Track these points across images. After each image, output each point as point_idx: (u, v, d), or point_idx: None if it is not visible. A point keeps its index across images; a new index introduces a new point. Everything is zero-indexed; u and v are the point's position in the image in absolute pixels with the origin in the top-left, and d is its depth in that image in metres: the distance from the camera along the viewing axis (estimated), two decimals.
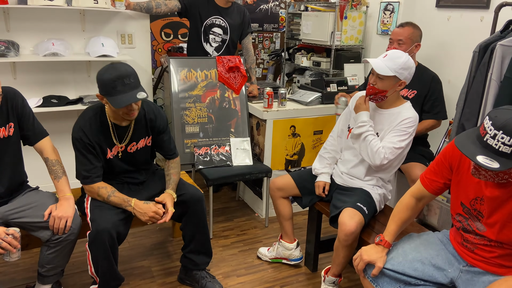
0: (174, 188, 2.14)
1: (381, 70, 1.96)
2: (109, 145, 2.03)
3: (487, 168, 1.24)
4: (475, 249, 1.54)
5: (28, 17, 2.91)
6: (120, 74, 1.82)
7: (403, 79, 1.98)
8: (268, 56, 4.80)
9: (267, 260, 2.58)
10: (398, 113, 2.05)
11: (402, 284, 1.60)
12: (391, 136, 2.02)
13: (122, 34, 3.23)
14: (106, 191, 1.98)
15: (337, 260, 2.09)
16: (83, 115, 1.99)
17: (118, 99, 1.82)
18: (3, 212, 1.85)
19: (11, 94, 1.90)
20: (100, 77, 1.85)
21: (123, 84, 1.82)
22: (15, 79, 2.97)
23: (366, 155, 2.05)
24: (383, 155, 1.99)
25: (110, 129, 2.01)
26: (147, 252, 2.64)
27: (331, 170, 2.31)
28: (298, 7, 4.35)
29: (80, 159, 1.97)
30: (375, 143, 2.01)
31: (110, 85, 1.81)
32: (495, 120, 1.26)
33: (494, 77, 2.06)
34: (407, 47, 2.60)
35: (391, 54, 1.99)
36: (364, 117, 2.07)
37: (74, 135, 1.95)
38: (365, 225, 2.04)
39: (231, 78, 3.14)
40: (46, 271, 1.96)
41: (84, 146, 1.94)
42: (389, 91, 2.00)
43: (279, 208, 2.42)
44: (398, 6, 3.24)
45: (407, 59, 1.97)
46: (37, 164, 2.19)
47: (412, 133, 2.02)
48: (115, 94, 1.82)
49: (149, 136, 2.14)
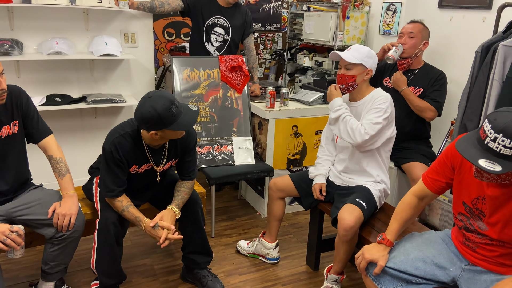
0: (180, 206, 2.06)
1: (348, 58, 2.10)
2: (138, 163, 1.98)
3: (489, 171, 1.25)
4: (477, 248, 1.54)
5: (32, 16, 2.92)
6: (170, 100, 1.77)
7: (369, 67, 2.12)
8: (270, 56, 4.80)
9: (245, 254, 2.62)
10: (370, 98, 2.14)
11: (404, 282, 1.61)
12: (367, 115, 2.09)
13: (126, 33, 3.24)
14: (121, 205, 1.96)
15: (338, 257, 2.11)
16: (120, 128, 1.93)
17: (181, 123, 1.79)
18: (8, 210, 1.86)
19: (16, 92, 1.91)
20: (152, 115, 1.74)
21: (176, 107, 1.79)
22: (19, 78, 2.99)
23: (347, 135, 2.09)
24: (363, 130, 2.04)
25: (146, 152, 1.96)
26: (149, 250, 2.65)
27: (325, 170, 2.34)
28: (300, 7, 4.36)
29: (106, 172, 1.93)
30: (354, 122, 2.08)
31: (168, 114, 1.75)
32: (495, 123, 1.27)
33: (496, 78, 2.06)
34: (417, 41, 2.64)
35: (354, 47, 2.15)
36: (338, 101, 2.16)
37: (106, 147, 1.89)
38: (365, 222, 2.05)
39: (234, 77, 3.15)
40: (49, 268, 1.97)
41: (113, 160, 1.89)
42: (357, 77, 2.12)
43: (272, 207, 2.46)
44: (401, 6, 3.25)
45: (369, 49, 2.14)
46: (41, 162, 2.20)
47: (387, 109, 2.07)
48: (175, 120, 1.78)
49: (176, 158, 2.10)
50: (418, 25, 2.68)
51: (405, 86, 2.63)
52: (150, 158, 1.99)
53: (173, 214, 2.01)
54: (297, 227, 3.02)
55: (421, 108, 2.60)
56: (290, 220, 3.11)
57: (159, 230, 1.93)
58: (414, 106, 2.61)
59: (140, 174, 2.05)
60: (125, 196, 1.98)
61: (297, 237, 2.88)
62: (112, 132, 1.93)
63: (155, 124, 1.78)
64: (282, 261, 2.59)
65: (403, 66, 2.70)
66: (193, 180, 2.17)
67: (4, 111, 1.87)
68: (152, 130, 1.81)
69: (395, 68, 2.79)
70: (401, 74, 2.66)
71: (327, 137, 2.40)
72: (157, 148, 2.00)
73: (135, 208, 1.98)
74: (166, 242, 1.92)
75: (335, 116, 2.14)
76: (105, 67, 3.24)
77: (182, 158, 2.11)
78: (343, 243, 2.03)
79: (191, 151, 2.10)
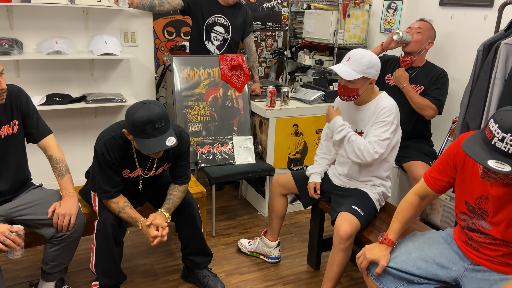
0: (171, 209, 2.04)
1: (348, 75, 1.96)
2: (130, 168, 1.99)
3: (499, 172, 1.23)
4: (480, 247, 1.53)
5: (31, 15, 2.91)
6: (152, 119, 1.72)
7: (371, 77, 1.99)
8: (271, 55, 4.79)
9: (246, 252, 2.61)
10: (375, 104, 2.05)
11: (405, 282, 1.60)
12: (373, 130, 2.02)
13: (125, 32, 3.23)
14: (118, 206, 1.95)
15: (330, 273, 2.02)
16: (111, 130, 1.92)
17: (146, 145, 1.74)
18: (7, 210, 1.86)
19: (15, 92, 1.90)
20: (130, 117, 1.75)
21: (153, 128, 1.74)
22: (19, 77, 2.98)
23: (355, 156, 2.02)
24: (372, 150, 1.98)
25: (133, 155, 1.95)
26: (150, 250, 2.65)
27: (321, 168, 2.33)
28: (300, 5, 4.34)
29: (100, 173, 1.92)
30: (360, 141, 2.01)
31: (140, 128, 1.73)
32: (502, 123, 1.25)
33: (499, 76, 2.05)
34: (423, 37, 2.64)
35: (353, 56, 1.97)
36: (339, 121, 2.09)
37: (97, 148, 1.88)
38: (364, 226, 2.03)
39: (234, 76, 3.14)
40: (50, 268, 1.96)
41: (105, 162, 1.88)
42: (360, 89, 2.01)
43: (275, 205, 2.44)
44: (402, 5, 3.23)
45: (370, 57, 1.96)
46: (41, 162, 2.20)
47: (393, 121, 2.00)
48: (144, 137, 1.75)
49: (168, 163, 2.09)
50: (427, 24, 2.68)
51: (407, 83, 2.62)
52: (136, 162, 1.97)
53: (164, 217, 1.99)
54: (298, 226, 3.02)
55: (422, 105, 2.59)
56: (291, 220, 3.10)
57: (152, 230, 1.93)
58: (415, 103, 2.60)
59: (133, 179, 2.04)
60: (121, 197, 1.98)
61: (298, 237, 2.87)
62: (103, 134, 1.91)
63: (128, 125, 1.79)
64: (283, 260, 2.58)
65: (405, 63, 2.69)
66: (186, 185, 2.14)
67: (4, 110, 1.86)
68: (127, 131, 1.82)
69: (397, 65, 2.78)
70: (403, 71, 2.65)
71: (327, 134, 2.35)
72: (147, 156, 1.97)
73: (132, 209, 1.98)
74: (158, 240, 1.91)
75: (339, 138, 2.06)
76: (105, 67, 3.23)
77: (175, 163, 2.09)
78: (338, 252, 1.98)
79: (184, 154, 2.07)
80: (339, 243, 1.96)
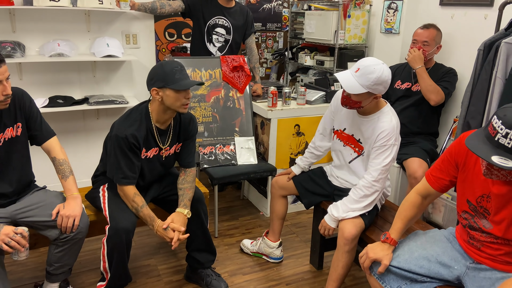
0: (188, 205, 2.09)
1: (352, 89, 1.85)
2: (147, 147, 2.04)
3: (503, 168, 1.24)
4: (482, 246, 1.54)
5: (33, 18, 2.93)
6: (177, 65, 1.94)
7: (377, 94, 1.90)
8: (272, 56, 4.80)
9: (248, 253, 2.63)
10: (377, 119, 1.97)
11: (408, 281, 1.61)
12: (374, 156, 1.96)
13: (127, 34, 3.24)
14: (141, 200, 1.99)
15: (334, 274, 2.03)
16: (129, 116, 2.01)
17: (182, 83, 1.92)
18: (12, 212, 1.87)
19: (19, 95, 1.91)
20: (159, 70, 1.93)
21: (181, 72, 1.94)
22: (21, 80, 2.99)
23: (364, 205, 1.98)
24: (372, 181, 1.94)
25: (154, 132, 2.03)
26: (153, 250, 2.66)
27: (304, 164, 2.39)
28: (301, 6, 4.35)
29: (121, 158, 1.95)
30: (360, 191, 1.97)
31: (172, 74, 1.91)
32: (505, 119, 1.26)
33: (499, 75, 2.06)
34: (431, 48, 2.69)
35: (363, 69, 1.83)
36: (329, 217, 2.04)
37: (119, 133, 1.93)
38: (367, 226, 2.04)
39: (235, 77, 3.15)
40: (54, 269, 1.98)
41: (128, 145, 1.93)
42: (363, 102, 1.91)
43: (275, 206, 2.46)
44: (402, 5, 3.24)
45: (380, 73, 1.82)
46: (45, 164, 2.21)
47: (395, 143, 1.94)
48: (177, 81, 1.91)
49: (179, 142, 2.17)
50: (432, 31, 2.69)
51: (422, 64, 2.66)
52: (157, 136, 2.04)
53: (183, 216, 2.03)
54: (300, 226, 3.03)
55: (432, 87, 2.62)
56: (293, 220, 3.11)
57: (170, 232, 1.96)
58: (426, 84, 2.63)
59: (148, 160, 2.07)
60: (140, 195, 2.01)
61: (301, 237, 2.88)
62: (119, 121, 2.00)
63: (158, 80, 1.92)
64: (286, 260, 2.59)
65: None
66: (194, 170, 2.21)
67: (8, 113, 1.87)
68: (155, 86, 1.92)
69: (405, 70, 2.82)
70: (418, 51, 2.67)
71: (324, 127, 2.28)
72: (164, 129, 2.06)
73: (149, 209, 2.01)
74: (177, 243, 1.96)
75: (353, 215, 1.99)
76: (107, 68, 3.25)
77: (184, 144, 2.18)
78: (343, 253, 1.98)
79: (193, 136, 2.21)
80: (344, 245, 1.96)
